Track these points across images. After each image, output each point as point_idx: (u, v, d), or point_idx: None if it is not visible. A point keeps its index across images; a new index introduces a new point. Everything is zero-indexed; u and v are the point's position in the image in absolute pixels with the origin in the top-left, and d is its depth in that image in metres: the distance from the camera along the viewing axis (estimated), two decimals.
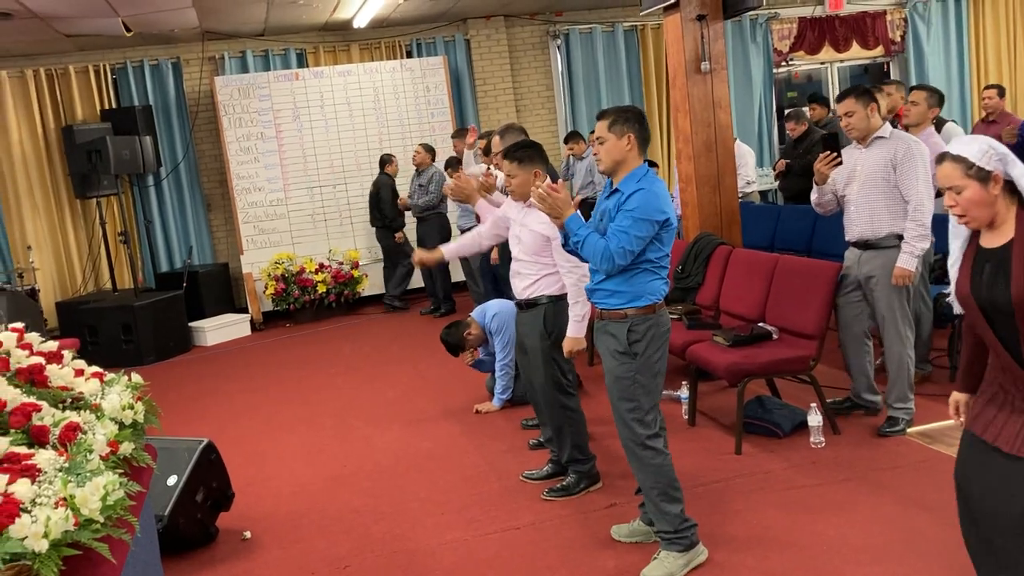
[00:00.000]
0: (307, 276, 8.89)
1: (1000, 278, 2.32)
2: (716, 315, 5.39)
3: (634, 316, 3.25)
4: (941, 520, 3.38)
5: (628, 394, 3.29)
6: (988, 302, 2.35)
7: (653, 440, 3.32)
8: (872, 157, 4.32)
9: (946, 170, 2.38)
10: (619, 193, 3.25)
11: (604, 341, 3.35)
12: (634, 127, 3.26)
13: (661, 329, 3.30)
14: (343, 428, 5.50)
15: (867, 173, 4.32)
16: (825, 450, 4.26)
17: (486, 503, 4.11)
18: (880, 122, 4.35)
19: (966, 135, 2.43)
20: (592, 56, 10.42)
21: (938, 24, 11.32)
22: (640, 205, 3.16)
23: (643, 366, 3.27)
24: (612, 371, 3.33)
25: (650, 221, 3.15)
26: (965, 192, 2.34)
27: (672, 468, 3.35)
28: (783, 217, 7.43)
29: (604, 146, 3.28)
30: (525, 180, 3.93)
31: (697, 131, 5.93)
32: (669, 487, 3.32)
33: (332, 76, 9.33)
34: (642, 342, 3.25)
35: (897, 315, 4.32)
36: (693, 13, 5.79)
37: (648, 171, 3.29)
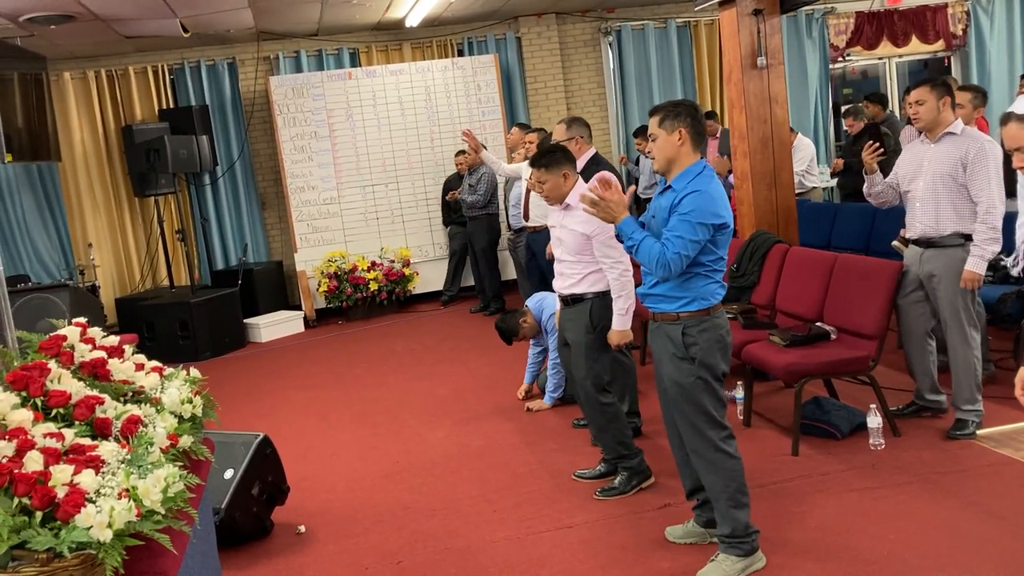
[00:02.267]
0: (359, 274, 8.96)
1: None
2: (772, 314, 5.30)
3: (687, 319, 3.18)
4: (1010, 527, 3.28)
5: (692, 398, 3.21)
6: None
7: (726, 442, 3.25)
8: (941, 153, 4.20)
9: (1012, 130, 2.35)
10: (672, 191, 3.18)
11: (660, 344, 3.29)
12: (686, 121, 3.17)
13: (719, 332, 3.22)
14: (395, 425, 5.53)
15: (935, 170, 4.20)
16: (885, 452, 4.16)
17: (537, 502, 4.09)
18: (952, 117, 4.22)
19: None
20: (644, 53, 10.34)
21: (1002, 18, 11.00)
22: (695, 208, 3.07)
23: (704, 368, 3.19)
24: (671, 376, 3.26)
25: (705, 225, 3.07)
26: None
27: (743, 472, 3.27)
28: (840, 215, 7.29)
29: (656, 143, 3.22)
30: (555, 183, 3.96)
31: (753, 127, 5.84)
32: (739, 492, 3.25)
33: (384, 75, 9.39)
34: (698, 345, 3.18)
35: (962, 316, 4.20)
36: (749, 8, 5.71)
37: (705, 168, 3.20)
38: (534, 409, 5.40)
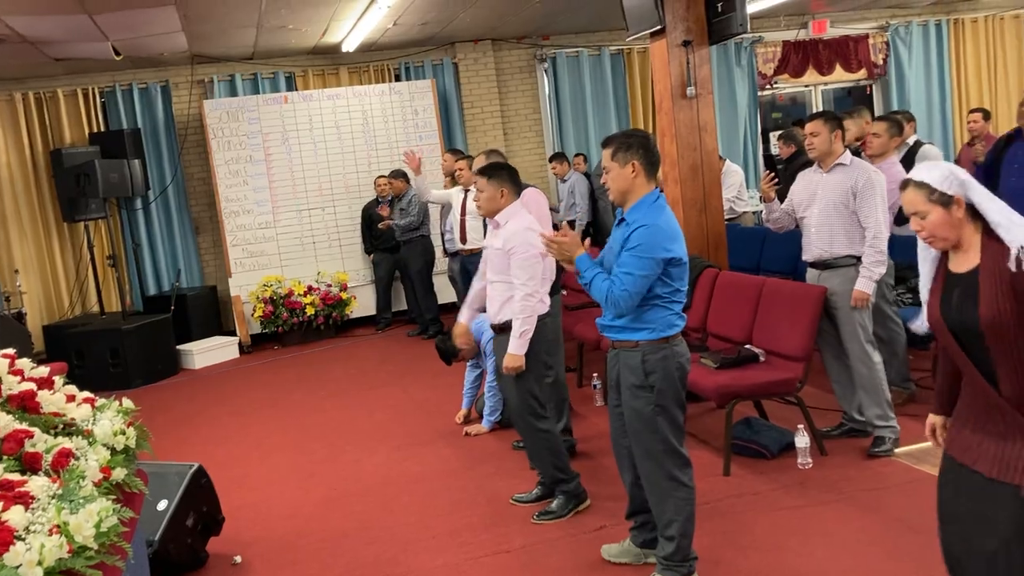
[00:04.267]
0: (295, 299, 8.90)
1: (968, 302, 2.36)
2: (704, 337, 5.42)
3: (646, 346, 3.19)
4: (928, 541, 3.39)
5: (652, 426, 3.22)
6: (959, 325, 2.39)
7: (682, 471, 3.27)
8: (833, 182, 4.47)
9: (909, 196, 2.45)
10: (626, 224, 3.20)
11: (619, 372, 3.29)
12: (639, 153, 3.19)
13: (678, 360, 3.23)
14: (333, 451, 5.50)
15: (828, 197, 4.47)
16: (812, 471, 4.29)
17: (476, 527, 4.12)
18: (842, 148, 4.51)
19: (931, 161, 2.51)
20: (579, 79, 10.52)
21: (919, 48, 11.49)
22: (643, 243, 3.09)
23: (663, 397, 3.20)
24: (630, 404, 3.25)
25: (655, 260, 3.08)
26: (929, 217, 2.40)
27: (694, 503, 3.30)
28: (769, 239, 7.48)
29: (610, 175, 3.24)
30: (492, 196, 4.05)
31: (683, 155, 5.99)
32: (688, 521, 3.28)
33: (321, 99, 9.38)
34: (657, 374, 3.18)
35: (860, 335, 4.42)
36: (679, 39, 5.87)
37: (658, 198, 3.22)
38: (472, 433, 5.42)
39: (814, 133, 4.50)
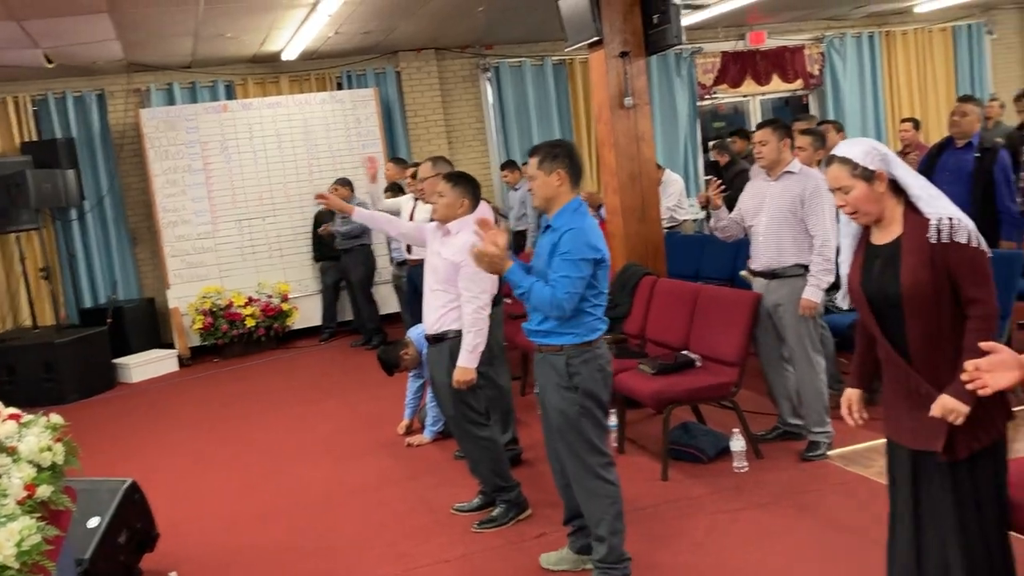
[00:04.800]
0: (236, 310, 8.77)
1: (889, 272, 2.49)
2: (643, 344, 5.49)
3: (571, 349, 3.28)
4: (860, 540, 3.49)
5: (576, 426, 3.31)
6: (878, 295, 2.52)
7: (606, 469, 3.35)
8: (781, 190, 4.48)
9: (834, 171, 2.56)
10: (552, 231, 3.30)
11: (545, 374, 3.37)
12: (564, 163, 3.30)
13: (600, 361, 3.33)
14: (273, 464, 5.44)
15: (776, 206, 4.47)
16: (748, 474, 4.37)
17: (417, 537, 4.11)
18: (790, 157, 4.52)
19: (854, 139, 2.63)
20: (522, 89, 10.58)
21: (853, 59, 11.79)
22: (573, 246, 3.20)
23: (586, 397, 3.29)
24: (555, 405, 3.34)
25: (586, 260, 3.20)
26: (853, 191, 2.51)
27: (621, 501, 3.38)
28: (707, 246, 7.61)
29: (535, 183, 3.34)
30: (452, 203, 4.03)
31: (622, 164, 6.06)
32: (616, 519, 3.35)
33: (261, 108, 9.28)
34: (582, 375, 3.28)
35: (806, 343, 4.47)
36: (616, 50, 5.95)
37: (580, 205, 3.33)
38: (414, 444, 5.41)
39: (762, 141, 4.51)
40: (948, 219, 2.44)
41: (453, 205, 4.04)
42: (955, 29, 12.18)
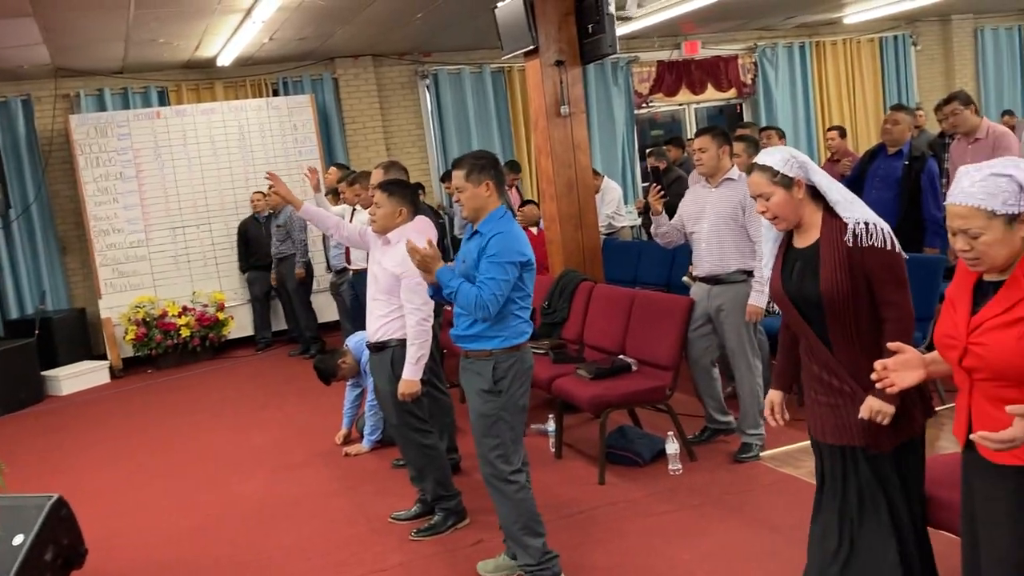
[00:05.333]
0: (170, 320, 8.61)
1: (808, 275, 2.59)
2: (581, 349, 5.54)
3: (499, 354, 3.33)
4: (788, 539, 3.57)
5: (493, 431, 3.36)
6: (799, 296, 2.61)
7: (515, 475, 3.40)
8: (722, 197, 4.53)
9: (754, 179, 2.64)
10: (480, 235, 3.35)
11: (469, 379, 3.41)
12: (491, 173, 3.36)
13: (525, 366, 3.40)
14: (207, 477, 5.35)
15: (717, 212, 4.52)
16: (682, 476, 4.43)
17: (354, 546, 4.08)
18: (730, 164, 4.58)
19: (773, 147, 2.72)
20: (461, 96, 10.59)
21: (785, 69, 12.06)
22: (501, 250, 3.26)
23: (508, 403, 3.35)
24: (477, 409, 3.39)
25: (513, 263, 3.26)
26: (773, 198, 2.60)
27: (534, 502, 3.43)
28: (644, 252, 7.71)
29: (464, 195, 3.37)
30: (389, 213, 4.01)
31: (559, 172, 6.11)
32: (531, 520, 3.40)
33: (195, 114, 9.14)
34: (507, 379, 3.33)
35: (747, 347, 4.56)
36: (552, 59, 6.00)
37: (505, 212, 3.40)
38: (352, 453, 5.37)
39: (702, 149, 4.54)
40: (864, 223, 2.53)
41: (391, 215, 4.01)
42: (882, 40, 12.55)
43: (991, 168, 2.00)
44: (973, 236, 1.99)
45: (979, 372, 2.05)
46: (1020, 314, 1.96)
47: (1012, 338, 1.96)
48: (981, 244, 1.99)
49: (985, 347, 2.01)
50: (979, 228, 1.98)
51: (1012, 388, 1.98)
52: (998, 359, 1.98)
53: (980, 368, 2.04)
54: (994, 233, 1.97)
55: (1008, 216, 1.96)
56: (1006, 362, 1.97)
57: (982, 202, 1.97)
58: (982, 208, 1.97)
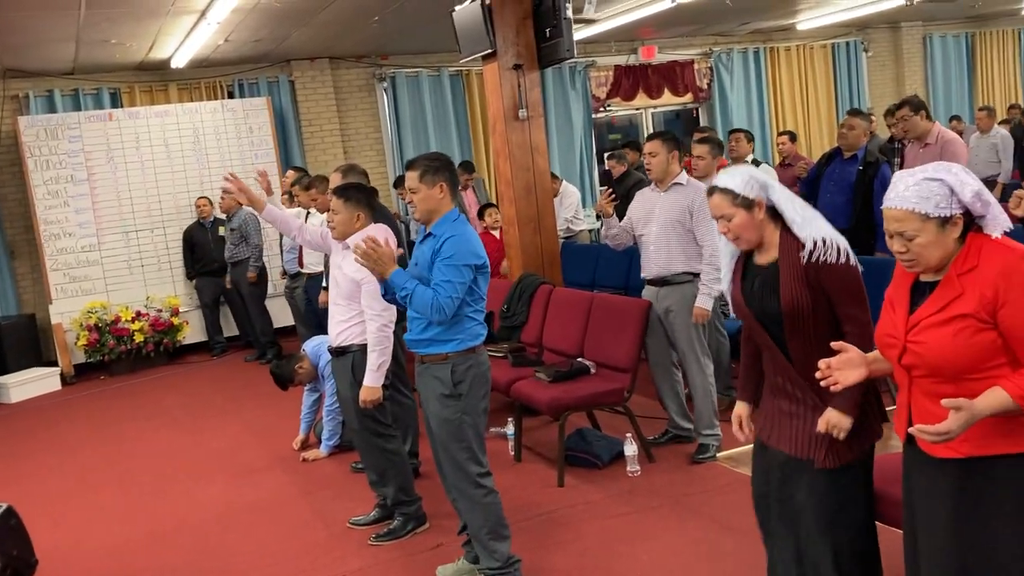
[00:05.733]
0: (123, 325, 8.46)
1: (768, 291, 2.61)
2: (540, 352, 5.55)
3: (456, 358, 3.32)
4: (744, 540, 3.62)
5: (457, 435, 3.34)
6: (760, 312, 2.63)
7: (485, 478, 3.39)
8: (670, 201, 4.60)
9: (715, 201, 2.66)
10: (433, 238, 3.33)
11: (428, 385, 3.39)
12: (445, 175, 3.34)
13: (482, 369, 3.39)
14: (163, 484, 5.27)
15: (665, 216, 4.60)
16: (641, 478, 4.47)
17: (312, 552, 4.05)
18: (679, 169, 4.65)
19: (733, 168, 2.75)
20: (419, 99, 10.56)
21: (740, 74, 12.21)
22: (456, 252, 3.24)
23: (469, 406, 3.34)
24: (438, 414, 3.36)
25: (468, 266, 3.25)
26: (734, 219, 2.62)
27: (501, 506, 3.43)
28: (603, 255, 7.75)
29: (418, 196, 3.34)
30: (347, 219, 3.97)
31: (517, 175, 6.13)
32: (498, 525, 3.40)
33: (149, 117, 9.01)
34: (465, 382, 3.32)
35: (696, 347, 4.61)
36: (510, 63, 6.02)
37: (459, 215, 3.39)
38: (310, 459, 5.32)
39: (652, 153, 4.62)
40: (821, 240, 2.56)
41: (349, 221, 3.97)
42: (834, 46, 12.78)
43: (924, 173, 2.08)
44: (909, 238, 2.07)
45: (917, 369, 2.13)
46: (954, 312, 2.05)
47: (947, 335, 2.04)
48: (916, 246, 2.07)
49: (922, 345, 2.09)
50: (914, 230, 2.06)
51: (948, 384, 2.06)
52: (935, 356, 2.07)
53: (918, 365, 2.12)
54: (928, 235, 2.05)
55: (941, 219, 2.05)
56: (942, 358, 2.06)
57: (916, 205, 2.05)
58: (916, 211, 2.05)
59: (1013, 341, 2.01)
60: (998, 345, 2.02)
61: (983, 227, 2.08)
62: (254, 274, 8.37)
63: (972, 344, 2.02)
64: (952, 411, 1.95)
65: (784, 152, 7.92)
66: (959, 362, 2.04)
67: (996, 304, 2.00)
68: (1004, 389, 1.97)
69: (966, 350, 2.03)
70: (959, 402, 1.94)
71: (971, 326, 2.02)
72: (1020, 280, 1.99)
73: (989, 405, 1.96)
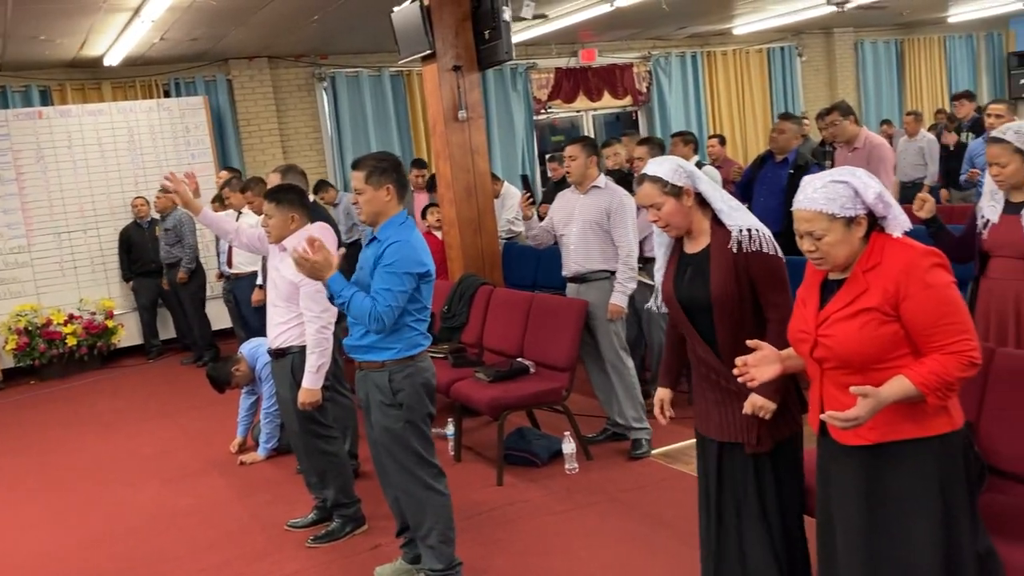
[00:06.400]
0: (54, 328, 8.26)
1: (698, 279, 2.71)
2: (480, 352, 5.58)
3: (392, 365, 3.27)
4: (677, 533, 3.70)
5: (402, 441, 3.30)
6: (688, 300, 2.73)
7: (436, 480, 3.37)
8: (589, 203, 4.75)
9: (645, 190, 2.74)
10: (377, 242, 3.27)
11: (369, 391, 3.35)
12: (392, 176, 3.26)
13: (423, 376, 3.32)
14: (94, 490, 5.16)
15: (584, 217, 4.75)
16: (579, 476, 4.52)
17: (249, 556, 4.01)
18: (597, 172, 4.81)
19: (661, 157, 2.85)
20: (360, 100, 10.51)
21: (678, 77, 12.40)
22: (399, 258, 3.17)
23: (411, 414, 3.29)
24: (381, 423, 3.33)
25: (410, 274, 3.18)
26: (664, 207, 2.71)
27: (451, 509, 3.41)
28: (543, 256, 7.79)
29: (363, 197, 3.26)
30: (282, 222, 3.92)
31: (457, 176, 6.15)
32: (447, 528, 3.39)
33: (81, 115, 8.80)
34: (405, 391, 3.27)
35: (615, 342, 4.74)
36: (449, 64, 6.03)
37: (407, 219, 3.32)
38: (247, 462, 5.27)
39: (572, 157, 4.76)
40: (748, 230, 2.66)
41: (283, 224, 3.91)
42: (770, 51, 13.05)
43: (831, 176, 2.21)
44: (817, 237, 2.19)
45: (828, 362, 2.23)
46: (860, 306, 2.16)
47: (854, 328, 2.16)
48: (824, 245, 2.19)
49: (832, 338, 2.20)
50: (822, 230, 2.17)
51: (856, 375, 2.17)
52: (843, 348, 2.18)
53: (828, 358, 2.23)
54: (835, 235, 2.17)
55: (846, 219, 2.17)
56: (850, 350, 2.17)
57: (823, 206, 2.17)
58: (823, 212, 2.17)
59: (914, 332, 2.13)
60: (900, 336, 2.14)
61: (885, 227, 2.21)
62: (185, 275, 8.21)
63: (877, 336, 2.14)
64: (860, 398, 2.06)
65: (714, 155, 8.08)
66: (866, 353, 2.15)
67: (898, 298, 2.12)
68: (907, 377, 2.09)
69: (872, 341, 2.14)
70: (866, 389, 2.05)
71: (876, 319, 2.14)
72: (919, 276, 2.11)
73: (894, 392, 2.08)
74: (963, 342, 2.08)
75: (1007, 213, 3.48)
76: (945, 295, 2.10)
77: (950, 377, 2.06)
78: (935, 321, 2.09)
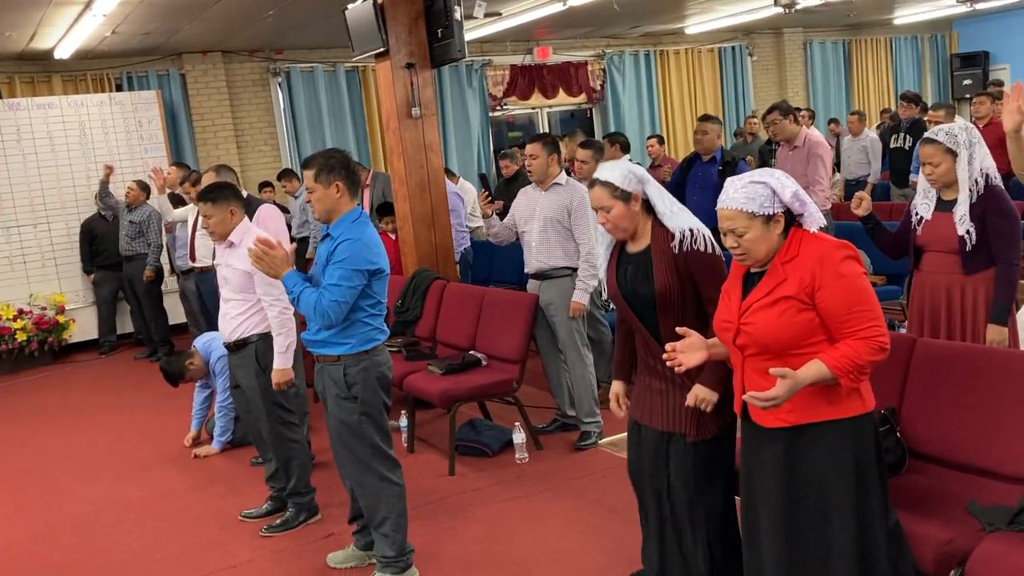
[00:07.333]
0: (5, 324, 8.17)
1: (640, 276, 2.84)
2: (434, 346, 5.67)
3: (347, 359, 3.33)
4: (623, 519, 3.82)
5: (358, 433, 3.38)
6: (632, 296, 2.86)
7: (392, 471, 3.46)
8: (550, 201, 4.83)
9: (596, 193, 2.87)
10: (331, 239, 3.33)
11: (326, 384, 3.42)
12: (341, 174, 3.30)
13: (378, 370, 3.39)
14: (46, 484, 5.16)
15: (546, 215, 4.82)
16: (528, 465, 4.64)
17: (203, 547, 4.07)
18: (558, 170, 4.89)
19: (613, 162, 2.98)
20: (315, 95, 10.51)
21: (632, 76, 12.58)
22: (349, 256, 3.22)
23: (366, 406, 3.36)
24: (337, 415, 3.40)
25: (360, 271, 3.23)
26: (613, 211, 2.83)
27: (404, 499, 3.50)
28: (497, 252, 7.90)
29: (315, 196, 3.32)
30: (222, 219, 3.97)
31: (411, 172, 6.22)
32: (400, 517, 3.48)
33: (31, 109, 8.69)
34: (359, 384, 3.34)
35: (576, 339, 4.83)
36: (402, 61, 6.10)
37: (360, 215, 3.37)
38: (202, 455, 5.30)
39: (533, 155, 4.84)
40: (689, 231, 2.79)
41: (223, 220, 3.96)
42: (721, 50, 13.29)
43: (751, 177, 2.36)
44: (739, 235, 2.35)
45: (749, 348, 2.38)
46: (779, 295, 2.32)
47: (773, 315, 2.32)
48: (746, 241, 2.35)
49: (752, 325, 2.36)
50: (743, 228, 2.34)
51: (776, 360, 2.32)
52: (763, 334, 2.34)
53: (749, 344, 2.38)
54: (755, 231, 2.33)
55: (765, 217, 2.33)
56: (769, 336, 2.33)
57: (743, 205, 2.33)
58: (744, 210, 2.33)
59: (828, 319, 2.28)
60: (816, 324, 2.29)
61: (802, 223, 2.37)
62: (151, 272, 8.17)
63: (795, 323, 2.29)
64: (779, 379, 2.20)
65: (653, 154, 8.24)
66: (784, 338, 2.30)
67: (814, 287, 2.28)
68: (822, 361, 2.24)
69: (789, 328, 2.29)
70: (784, 371, 2.21)
71: (793, 306, 2.29)
72: (832, 267, 2.27)
73: (810, 374, 2.23)
74: (873, 328, 2.24)
75: (939, 210, 3.64)
76: (856, 284, 2.26)
77: (861, 360, 2.22)
78: (848, 308, 2.24)
